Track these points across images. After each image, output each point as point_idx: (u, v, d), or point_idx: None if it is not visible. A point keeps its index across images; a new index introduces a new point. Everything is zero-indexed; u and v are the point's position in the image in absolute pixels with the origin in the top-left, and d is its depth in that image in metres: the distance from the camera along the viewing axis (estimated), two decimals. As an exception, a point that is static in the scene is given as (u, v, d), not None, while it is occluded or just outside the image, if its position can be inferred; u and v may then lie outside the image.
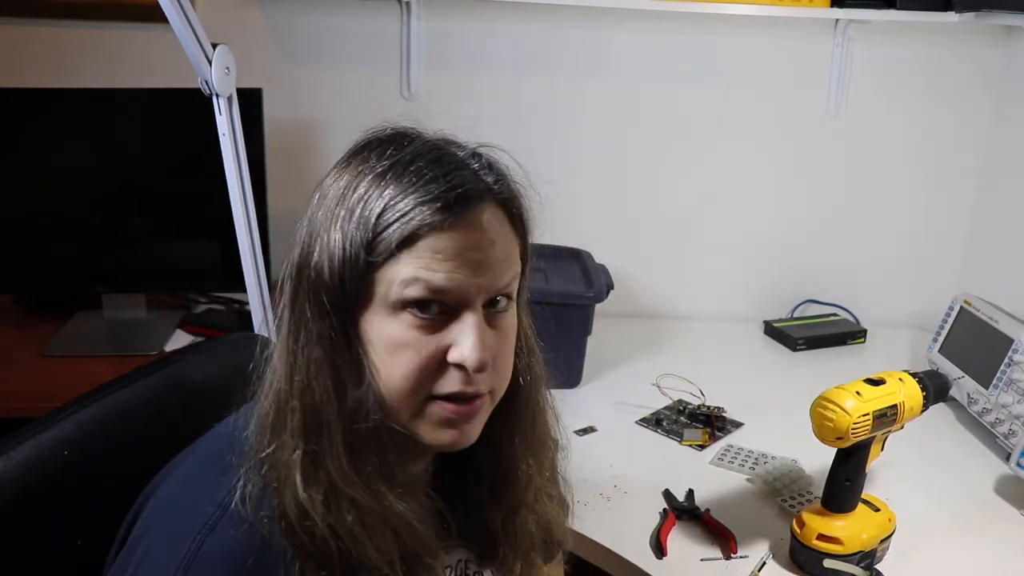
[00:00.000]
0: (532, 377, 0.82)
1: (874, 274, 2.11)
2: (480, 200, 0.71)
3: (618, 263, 1.92)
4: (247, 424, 0.73)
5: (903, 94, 1.98)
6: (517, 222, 0.76)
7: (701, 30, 1.92)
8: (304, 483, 0.69)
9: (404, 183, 0.69)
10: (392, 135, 0.75)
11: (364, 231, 0.69)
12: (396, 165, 0.71)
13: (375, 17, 1.89)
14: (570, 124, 1.99)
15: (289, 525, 0.69)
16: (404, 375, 0.71)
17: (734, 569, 1.17)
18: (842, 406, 1.09)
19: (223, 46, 1.28)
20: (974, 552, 1.23)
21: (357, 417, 0.70)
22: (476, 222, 0.71)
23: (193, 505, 0.70)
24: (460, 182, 0.70)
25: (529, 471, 0.83)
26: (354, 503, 0.70)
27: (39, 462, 0.82)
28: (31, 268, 1.83)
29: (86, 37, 1.86)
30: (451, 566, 0.85)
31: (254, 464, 0.71)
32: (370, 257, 0.69)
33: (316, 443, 0.70)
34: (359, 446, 0.71)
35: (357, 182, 0.71)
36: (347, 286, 0.70)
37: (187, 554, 0.67)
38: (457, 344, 0.71)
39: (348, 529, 0.69)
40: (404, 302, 0.70)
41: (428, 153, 0.72)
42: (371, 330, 0.71)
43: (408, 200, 0.69)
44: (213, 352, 1.02)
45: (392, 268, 0.69)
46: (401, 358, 0.70)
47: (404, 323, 0.70)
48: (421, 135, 0.75)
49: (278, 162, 1.78)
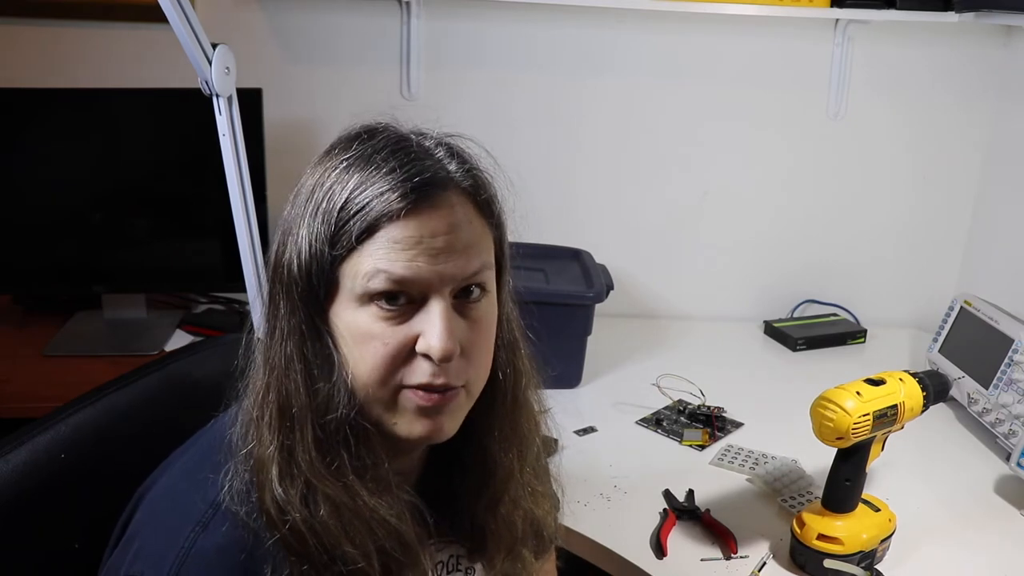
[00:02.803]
0: (514, 371, 0.82)
1: (874, 274, 2.11)
2: (441, 188, 0.71)
3: (618, 263, 1.92)
4: (235, 422, 0.74)
5: (903, 94, 1.98)
6: (485, 210, 0.75)
7: (701, 30, 1.92)
8: (280, 478, 0.70)
9: (365, 174, 0.70)
10: (360, 130, 0.75)
11: (327, 225, 0.69)
12: (359, 159, 0.71)
13: (375, 17, 1.89)
14: (570, 124, 1.99)
15: (270, 520, 0.69)
16: (373, 366, 0.71)
17: (734, 569, 1.17)
18: (842, 406, 1.09)
19: (223, 46, 1.28)
20: (974, 552, 1.23)
21: (327, 411, 0.71)
22: (436, 210, 0.70)
23: (186, 503, 0.71)
24: (419, 170, 0.70)
25: (511, 465, 0.83)
26: (328, 498, 0.70)
27: (36, 465, 0.82)
28: (31, 268, 1.82)
29: (85, 37, 1.86)
30: (443, 562, 0.86)
31: (240, 460, 0.71)
32: (333, 251, 0.70)
33: (288, 437, 0.71)
34: (329, 440, 0.71)
35: (324, 178, 0.71)
36: (314, 280, 0.71)
37: (181, 551, 0.68)
38: (424, 334, 0.70)
39: (324, 524, 0.70)
40: (370, 294, 0.70)
41: (392, 144, 0.72)
42: (340, 323, 0.72)
43: (368, 192, 0.69)
44: (212, 352, 1.02)
45: (355, 260, 0.70)
46: (369, 349, 0.71)
47: (371, 315, 0.70)
48: (389, 128, 0.75)
49: (278, 162, 1.78)
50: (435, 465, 0.84)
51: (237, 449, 0.72)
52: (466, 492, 0.83)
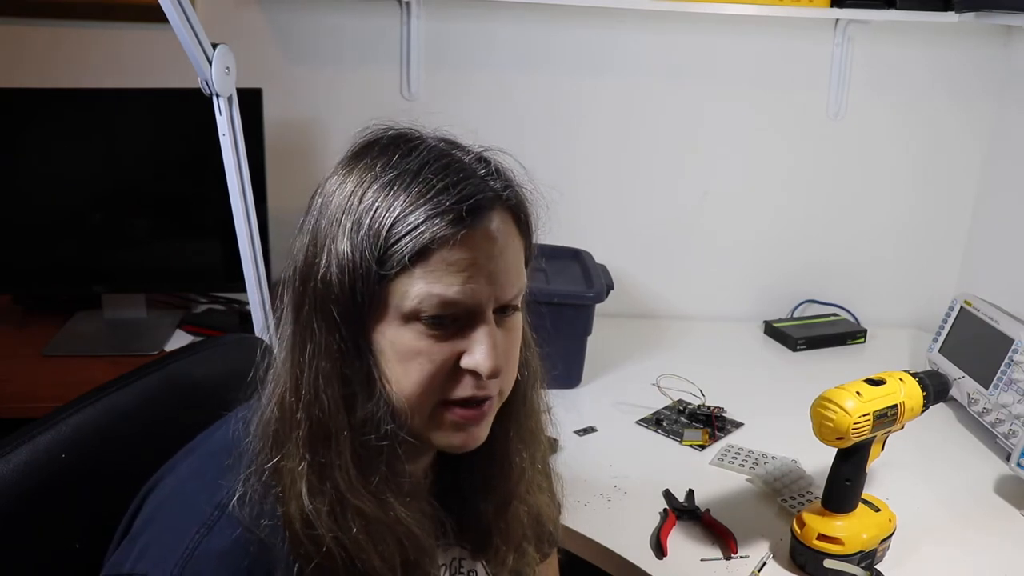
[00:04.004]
0: (529, 372, 0.83)
1: (874, 274, 2.11)
2: (490, 209, 0.71)
3: (618, 263, 1.92)
4: (247, 426, 0.74)
5: (903, 94, 1.98)
6: (523, 228, 0.76)
7: (701, 30, 1.92)
8: (310, 494, 0.69)
9: (414, 193, 0.69)
10: (394, 138, 0.74)
11: (375, 244, 0.68)
12: (404, 174, 0.70)
13: (375, 17, 1.89)
14: (570, 124, 1.99)
15: (294, 534, 0.69)
16: (418, 382, 0.71)
17: (734, 569, 1.17)
18: (842, 406, 1.09)
19: (223, 46, 1.28)
20: (974, 552, 1.23)
21: (367, 429, 0.71)
22: (487, 232, 0.71)
23: (192, 504, 0.71)
24: (471, 192, 0.70)
25: (522, 464, 0.84)
26: (360, 513, 0.70)
27: (37, 465, 0.81)
28: (31, 268, 1.82)
29: (86, 37, 1.86)
30: (445, 564, 0.86)
31: (255, 470, 0.71)
32: (382, 270, 0.69)
33: (323, 455, 0.70)
34: (369, 457, 0.71)
35: (363, 190, 0.70)
36: (358, 298, 0.70)
37: (185, 551, 0.67)
38: (471, 352, 0.71)
39: (354, 539, 0.70)
40: (418, 313, 0.70)
41: (435, 160, 0.71)
42: (383, 340, 0.71)
43: (419, 212, 0.68)
44: (212, 352, 1.02)
45: (405, 281, 0.69)
46: (414, 366, 0.71)
47: (417, 332, 0.70)
48: (424, 139, 0.74)
49: (278, 162, 1.78)
50: (442, 465, 0.84)
51: (253, 459, 0.71)
52: (475, 492, 0.83)
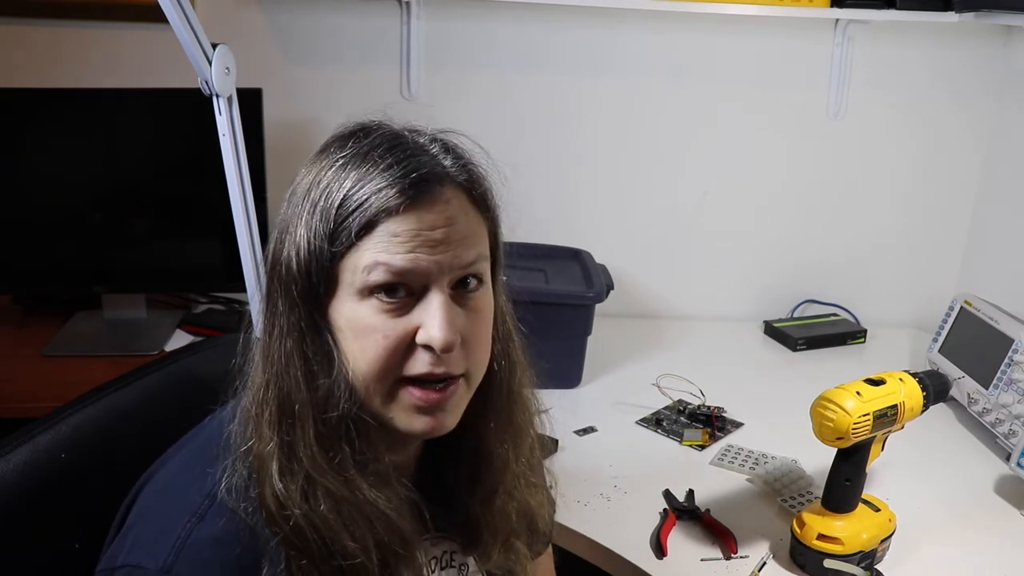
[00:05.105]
0: (508, 363, 0.83)
1: (874, 274, 2.11)
2: (437, 183, 0.72)
3: (618, 263, 1.92)
4: (233, 417, 0.75)
5: (903, 94, 1.98)
6: (480, 204, 0.76)
7: (701, 30, 1.92)
8: (280, 474, 0.71)
9: (362, 171, 0.71)
10: (355, 128, 0.76)
11: (326, 222, 0.71)
12: (355, 156, 0.72)
13: (375, 17, 1.89)
14: (570, 124, 1.99)
15: (270, 515, 0.70)
16: (374, 359, 0.72)
17: (734, 569, 1.18)
18: (842, 406, 1.09)
19: (223, 46, 1.28)
20: (974, 552, 1.23)
21: (328, 406, 0.72)
22: (433, 204, 0.71)
23: (182, 495, 0.72)
24: (415, 166, 0.71)
25: (506, 456, 0.84)
26: (328, 492, 0.71)
27: (36, 465, 0.82)
28: (31, 268, 1.82)
29: (86, 37, 1.86)
30: (436, 557, 0.86)
31: (239, 456, 0.72)
32: (333, 247, 0.71)
33: (289, 433, 0.71)
34: (330, 435, 0.72)
35: (320, 176, 0.72)
36: (313, 278, 0.71)
37: (177, 540, 0.69)
38: (424, 325, 0.71)
39: (324, 518, 0.70)
40: (370, 288, 0.71)
41: (386, 142, 0.73)
42: (339, 318, 0.73)
43: (366, 189, 0.70)
44: (212, 352, 1.02)
45: (354, 256, 0.71)
46: (370, 342, 0.71)
47: (372, 308, 0.71)
48: (383, 126, 0.76)
49: (278, 162, 1.78)
50: (429, 458, 0.85)
51: (236, 445, 0.73)
52: (461, 484, 0.84)
